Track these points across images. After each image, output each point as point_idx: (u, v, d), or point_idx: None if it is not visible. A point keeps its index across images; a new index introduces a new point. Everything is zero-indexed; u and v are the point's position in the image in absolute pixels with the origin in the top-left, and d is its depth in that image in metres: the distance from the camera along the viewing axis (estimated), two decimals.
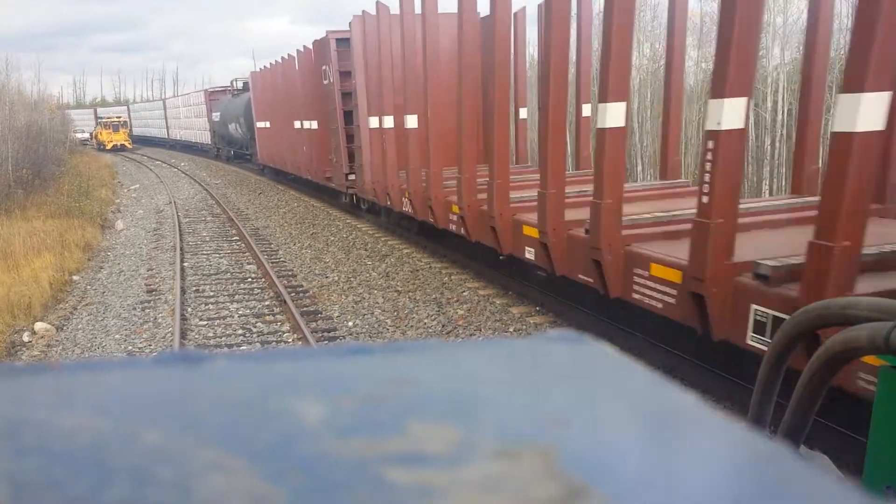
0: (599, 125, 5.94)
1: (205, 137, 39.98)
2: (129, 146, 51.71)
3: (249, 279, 10.83)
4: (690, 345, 5.85)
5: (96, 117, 65.19)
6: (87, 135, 56.53)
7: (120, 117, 57.59)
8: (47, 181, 23.68)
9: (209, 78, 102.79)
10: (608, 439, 0.37)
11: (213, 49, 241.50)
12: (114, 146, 50.61)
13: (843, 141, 3.94)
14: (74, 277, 11.41)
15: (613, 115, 5.80)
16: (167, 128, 51.66)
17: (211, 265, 11.91)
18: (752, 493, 0.32)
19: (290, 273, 10.94)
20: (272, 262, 11.63)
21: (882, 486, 1.38)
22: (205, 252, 13.09)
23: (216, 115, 34.67)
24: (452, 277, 9.91)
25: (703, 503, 0.31)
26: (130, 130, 55.22)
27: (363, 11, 11.98)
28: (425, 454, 0.33)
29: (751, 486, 0.33)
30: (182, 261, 12.14)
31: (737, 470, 0.35)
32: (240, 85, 32.38)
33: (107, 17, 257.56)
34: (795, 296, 4.26)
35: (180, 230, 15.36)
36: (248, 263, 11.93)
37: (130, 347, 7.83)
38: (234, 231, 15.24)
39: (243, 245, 13.55)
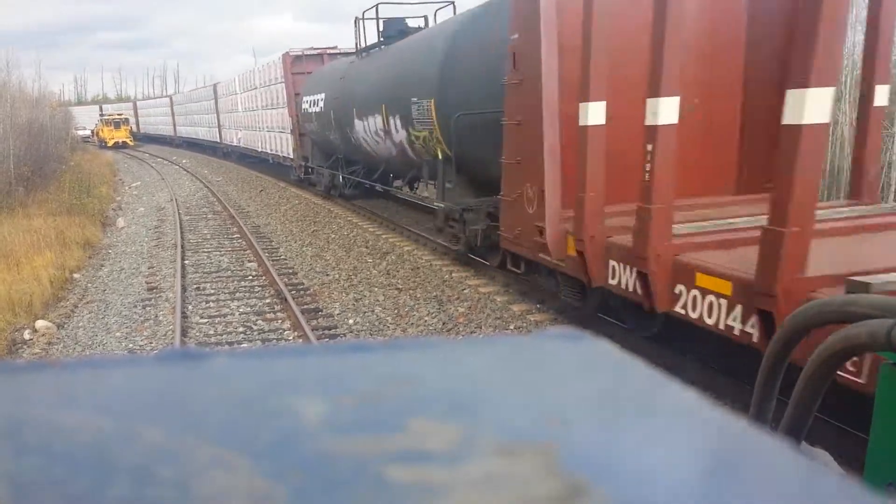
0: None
1: (281, 145, 21.27)
2: (132, 144, 51.72)
3: (250, 277, 10.83)
4: None
5: (136, 111, 64.18)
6: (88, 132, 56.51)
7: (122, 114, 57.54)
8: (48, 179, 23.70)
9: (211, 76, 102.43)
10: (609, 437, 0.37)
11: (215, 48, 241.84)
12: (115, 143, 50.66)
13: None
14: (75, 275, 11.42)
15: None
16: (219, 126, 33.75)
17: (212, 263, 11.91)
18: (753, 490, 0.32)
19: (290, 271, 10.94)
20: (273, 260, 11.63)
21: (884, 482, 1.38)
22: (206, 250, 13.10)
23: (308, 103, 17.11)
24: (453, 275, 9.91)
25: (705, 500, 0.31)
26: (174, 130, 51.78)
27: None
28: (426, 452, 0.33)
29: (752, 483, 0.33)
30: (183, 258, 12.14)
31: (738, 467, 0.35)
32: (372, 34, 13.69)
33: (108, 15, 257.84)
34: None
35: (181, 228, 15.37)
36: (249, 261, 11.93)
37: (131, 345, 7.83)
38: (234, 229, 15.24)
39: (244, 243, 13.54)
